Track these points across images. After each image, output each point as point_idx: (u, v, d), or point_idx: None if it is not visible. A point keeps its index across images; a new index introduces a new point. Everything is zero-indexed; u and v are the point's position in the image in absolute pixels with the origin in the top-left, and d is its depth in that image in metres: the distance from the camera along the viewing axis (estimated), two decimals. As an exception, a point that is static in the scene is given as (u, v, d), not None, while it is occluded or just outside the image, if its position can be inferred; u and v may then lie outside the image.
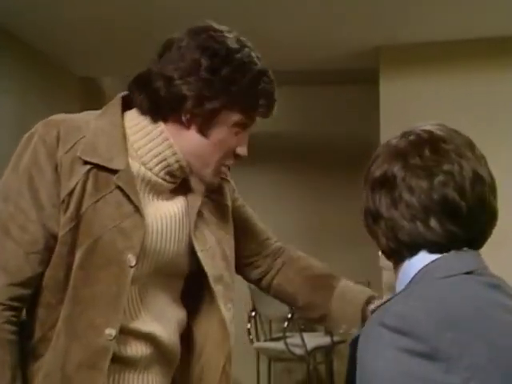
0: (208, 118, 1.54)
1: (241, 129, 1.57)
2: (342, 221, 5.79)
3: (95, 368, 1.49)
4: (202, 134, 1.55)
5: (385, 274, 4.43)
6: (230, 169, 1.77)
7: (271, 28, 4.51)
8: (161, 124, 1.57)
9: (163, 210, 1.60)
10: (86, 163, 1.52)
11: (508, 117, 4.73)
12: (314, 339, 5.54)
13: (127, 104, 1.61)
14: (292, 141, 6.43)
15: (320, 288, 1.83)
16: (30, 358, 1.54)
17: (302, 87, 6.06)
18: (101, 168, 1.52)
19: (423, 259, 1.24)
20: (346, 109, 6.18)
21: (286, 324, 5.32)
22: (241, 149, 1.60)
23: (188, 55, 1.52)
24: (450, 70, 4.83)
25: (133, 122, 1.59)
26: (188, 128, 1.56)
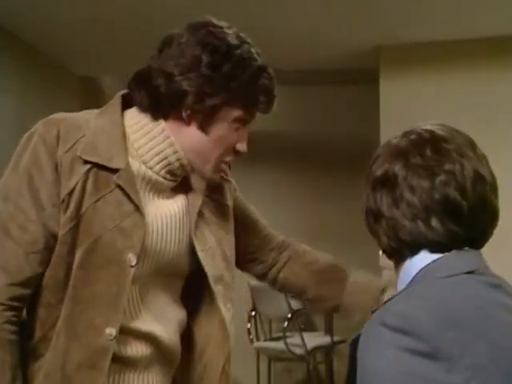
0: (208, 114, 1.53)
1: (241, 125, 1.57)
2: (342, 221, 5.78)
3: (95, 368, 1.49)
4: (203, 131, 1.55)
5: (385, 274, 4.43)
6: (231, 168, 1.77)
7: (271, 28, 4.51)
8: (161, 122, 1.57)
9: (164, 209, 1.60)
10: (86, 162, 1.51)
11: (508, 117, 4.72)
12: (314, 339, 5.54)
13: (127, 103, 1.61)
14: (292, 140, 6.43)
15: (331, 281, 1.85)
16: (31, 358, 1.53)
17: (302, 87, 6.05)
18: (101, 167, 1.52)
19: (424, 258, 1.24)
20: (346, 109, 6.17)
21: (286, 324, 5.32)
22: (241, 145, 1.59)
23: (188, 51, 1.51)
24: (450, 70, 4.82)
25: (133, 121, 1.58)
26: (188, 124, 1.55)
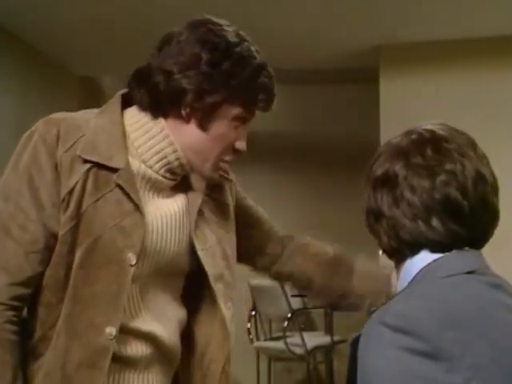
0: (208, 112, 1.53)
1: (240, 123, 1.56)
2: (342, 221, 5.78)
3: (95, 367, 1.49)
4: (202, 129, 1.55)
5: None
6: (230, 168, 1.76)
7: (271, 27, 4.52)
8: (161, 120, 1.57)
9: (163, 209, 1.60)
10: (86, 162, 1.51)
11: (508, 116, 4.73)
12: (314, 339, 5.54)
13: (127, 102, 1.60)
14: (292, 140, 6.43)
15: (337, 270, 1.85)
16: (31, 358, 1.53)
17: (302, 86, 6.05)
18: (101, 166, 1.52)
19: (425, 258, 1.24)
20: (346, 108, 6.17)
21: (286, 323, 5.32)
22: (240, 143, 1.59)
23: (187, 49, 1.51)
24: (450, 69, 4.83)
25: (133, 120, 1.58)
26: (188, 122, 1.55)
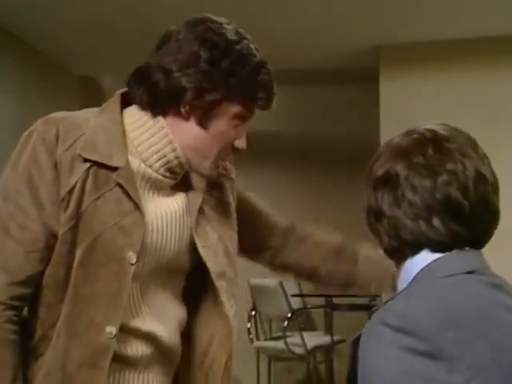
0: (207, 110, 1.53)
1: (240, 121, 1.56)
2: (342, 220, 5.77)
3: (96, 367, 1.49)
4: (202, 126, 1.54)
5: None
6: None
7: (272, 27, 4.52)
8: (160, 119, 1.56)
9: (163, 207, 1.60)
10: (86, 161, 1.51)
11: (508, 116, 4.73)
12: (314, 338, 5.54)
13: (127, 101, 1.60)
14: (292, 140, 6.44)
15: (342, 256, 1.87)
16: (31, 358, 1.53)
17: (302, 86, 6.05)
18: (100, 165, 1.52)
19: (426, 258, 1.24)
20: (346, 108, 6.18)
21: (286, 323, 5.32)
22: (239, 142, 1.59)
23: (186, 47, 1.51)
24: (450, 69, 4.83)
25: (133, 118, 1.58)
26: (187, 120, 1.55)
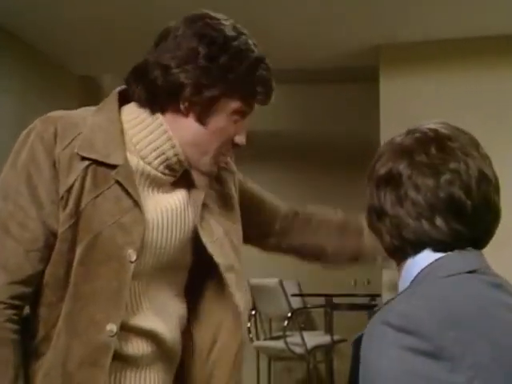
0: (206, 106, 1.53)
1: (239, 117, 1.56)
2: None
3: (96, 365, 1.49)
4: (201, 123, 1.54)
5: (385, 273, 4.43)
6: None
7: (272, 27, 4.52)
8: (159, 116, 1.56)
9: (163, 204, 1.59)
10: (84, 159, 1.51)
11: (509, 116, 4.73)
12: (314, 338, 5.54)
13: (125, 99, 1.60)
14: (292, 139, 6.44)
15: (347, 231, 1.88)
16: (32, 357, 1.53)
17: (303, 86, 6.06)
18: (99, 164, 1.52)
19: (427, 257, 1.24)
20: (346, 107, 6.17)
21: (286, 323, 5.33)
22: (239, 138, 1.58)
23: (185, 43, 1.51)
24: (450, 69, 4.83)
25: (131, 116, 1.58)
26: (186, 116, 1.54)
